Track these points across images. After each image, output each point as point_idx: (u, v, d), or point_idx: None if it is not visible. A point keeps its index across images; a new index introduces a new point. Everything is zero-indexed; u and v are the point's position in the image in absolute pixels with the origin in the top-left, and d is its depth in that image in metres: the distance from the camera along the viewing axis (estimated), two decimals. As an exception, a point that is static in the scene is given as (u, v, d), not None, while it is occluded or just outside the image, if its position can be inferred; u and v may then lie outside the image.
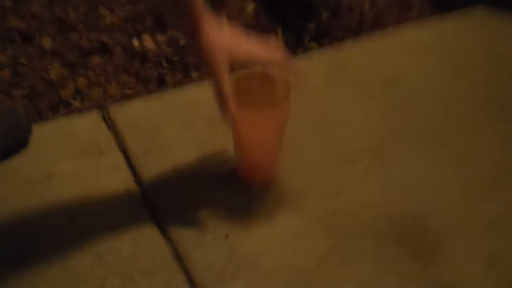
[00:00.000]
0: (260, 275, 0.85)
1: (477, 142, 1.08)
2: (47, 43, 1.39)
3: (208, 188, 0.97)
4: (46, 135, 1.06)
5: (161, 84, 1.29)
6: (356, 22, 1.53)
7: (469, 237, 0.91)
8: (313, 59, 1.29)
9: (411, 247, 0.90)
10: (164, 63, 1.34)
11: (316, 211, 0.95)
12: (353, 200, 0.97)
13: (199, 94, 1.15)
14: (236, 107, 0.84)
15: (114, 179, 0.99)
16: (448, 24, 1.38)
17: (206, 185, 0.98)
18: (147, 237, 0.90)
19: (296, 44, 1.45)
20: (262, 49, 0.86)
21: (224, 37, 0.83)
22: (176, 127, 1.08)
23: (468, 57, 1.28)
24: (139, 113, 1.11)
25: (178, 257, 0.88)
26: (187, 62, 1.34)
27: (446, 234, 0.91)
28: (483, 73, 1.23)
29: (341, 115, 1.12)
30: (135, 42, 1.37)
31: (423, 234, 0.92)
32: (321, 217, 0.94)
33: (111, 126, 1.09)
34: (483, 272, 0.86)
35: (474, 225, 0.93)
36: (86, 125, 1.09)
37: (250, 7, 1.55)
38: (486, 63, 1.26)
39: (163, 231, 0.91)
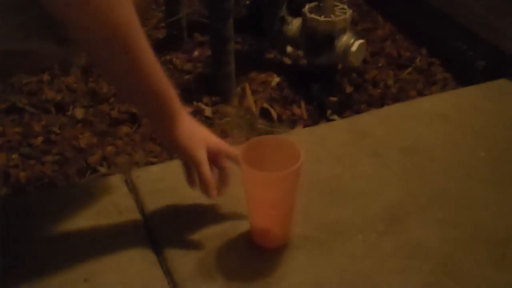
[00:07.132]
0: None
1: (495, 210, 1.07)
2: (79, 113, 1.47)
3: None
4: (70, 196, 1.11)
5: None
6: (379, 95, 1.56)
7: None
8: (333, 127, 1.32)
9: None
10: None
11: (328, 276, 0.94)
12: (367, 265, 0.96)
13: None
14: (248, 168, 0.88)
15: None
16: (468, 96, 1.40)
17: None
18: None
19: (319, 116, 1.50)
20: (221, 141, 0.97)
21: (199, 131, 0.94)
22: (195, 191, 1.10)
23: (487, 128, 1.28)
24: (159, 177, 1.14)
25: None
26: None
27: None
28: (502, 143, 1.23)
29: (357, 182, 1.13)
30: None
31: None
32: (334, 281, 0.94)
33: (132, 189, 1.12)
34: None
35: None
36: (108, 187, 1.12)
37: (275, 81, 1.61)
38: (505, 134, 1.26)
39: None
